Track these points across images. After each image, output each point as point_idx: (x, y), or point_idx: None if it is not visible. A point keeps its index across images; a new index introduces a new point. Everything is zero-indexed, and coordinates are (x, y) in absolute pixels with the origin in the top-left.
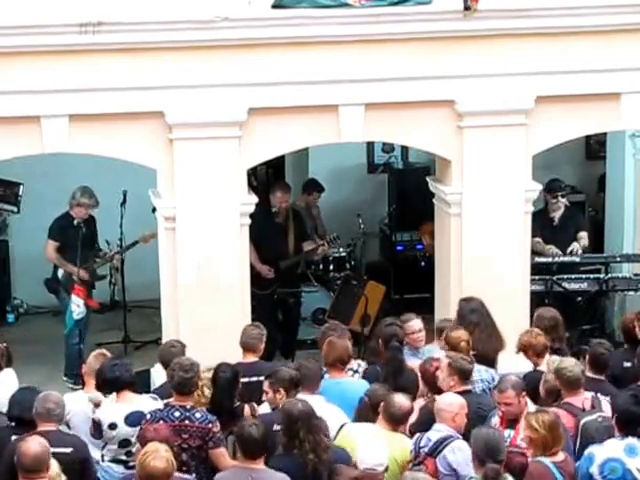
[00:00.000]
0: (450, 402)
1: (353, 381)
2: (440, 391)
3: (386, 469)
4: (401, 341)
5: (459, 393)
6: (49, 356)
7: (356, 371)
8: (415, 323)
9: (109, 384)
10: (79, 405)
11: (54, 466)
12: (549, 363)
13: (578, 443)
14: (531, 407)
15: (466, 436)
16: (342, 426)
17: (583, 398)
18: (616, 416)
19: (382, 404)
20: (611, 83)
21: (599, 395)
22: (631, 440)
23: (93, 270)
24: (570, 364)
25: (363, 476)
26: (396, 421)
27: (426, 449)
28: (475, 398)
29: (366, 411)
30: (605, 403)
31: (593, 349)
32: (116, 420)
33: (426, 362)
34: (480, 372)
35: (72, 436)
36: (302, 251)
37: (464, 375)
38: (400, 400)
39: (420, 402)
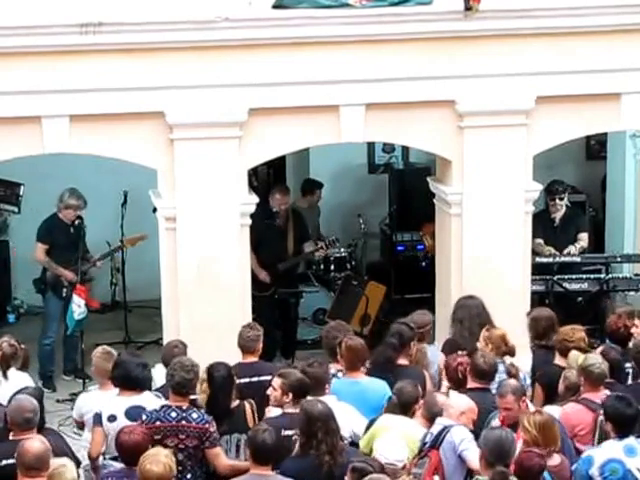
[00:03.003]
0: (459, 402)
1: (370, 380)
2: (461, 386)
3: (403, 467)
4: (405, 342)
5: (474, 390)
6: None
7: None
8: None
9: (132, 382)
10: (97, 404)
11: (72, 471)
12: (570, 359)
13: (597, 437)
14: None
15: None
16: (374, 418)
17: (602, 394)
18: (610, 420)
19: (423, 402)
20: (611, 83)
21: None
22: (629, 440)
23: (82, 272)
24: (597, 360)
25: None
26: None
27: (429, 443)
28: (492, 397)
29: (393, 410)
30: None
31: (606, 353)
32: (116, 412)
33: (450, 357)
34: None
35: (51, 436)
36: (302, 253)
37: (479, 374)
38: (443, 400)
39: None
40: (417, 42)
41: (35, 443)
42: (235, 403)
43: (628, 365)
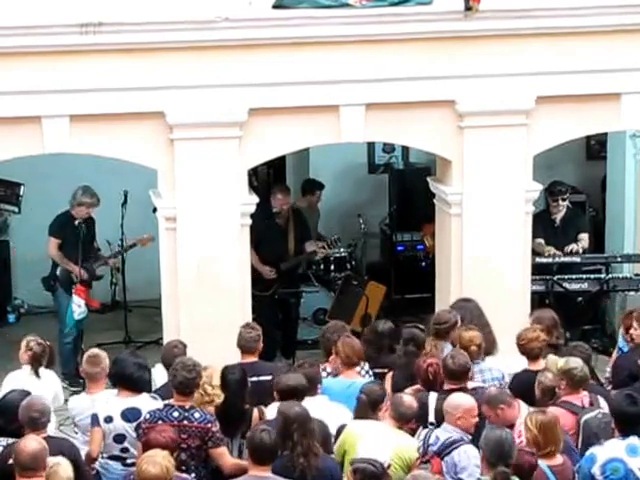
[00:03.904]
0: (456, 404)
1: (365, 382)
2: (433, 388)
3: (388, 467)
4: (419, 345)
5: (450, 391)
6: None
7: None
8: None
9: (126, 380)
10: (85, 407)
11: (67, 470)
12: (548, 362)
13: (580, 441)
14: (524, 411)
15: (474, 437)
16: (343, 425)
17: (582, 396)
18: (614, 418)
19: (390, 403)
20: (611, 83)
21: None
22: (632, 440)
23: (92, 270)
24: (579, 364)
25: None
26: (405, 420)
27: (434, 448)
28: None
29: (364, 409)
30: (602, 400)
31: (571, 353)
32: (112, 414)
33: (420, 359)
34: (492, 371)
35: (60, 440)
36: (303, 252)
37: (450, 375)
38: (409, 400)
39: None
40: (417, 42)
41: (31, 443)
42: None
43: None
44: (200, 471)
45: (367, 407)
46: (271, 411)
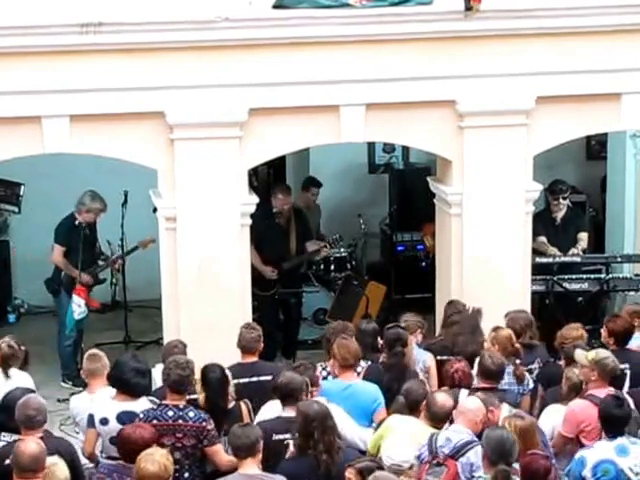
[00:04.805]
0: (479, 407)
1: (363, 383)
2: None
3: (411, 466)
4: (405, 344)
5: (480, 389)
6: (50, 356)
7: (359, 373)
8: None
9: (123, 385)
10: (86, 407)
11: (64, 470)
12: (576, 357)
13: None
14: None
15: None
16: (383, 419)
17: (607, 390)
18: (601, 420)
19: (424, 403)
20: (612, 83)
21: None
22: (621, 440)
23: (96, 274)
24: (609, 354)
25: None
26: (438, 420)
27: (446, 449)
28: (499, 395)
29: (401, 409)
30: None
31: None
32: (108, 416)
33: (447, 363)
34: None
35: (57, 440)
36: (305, 252)
37: (486, 374)
38: (442, 399)
39: None
40: (417, 42)
41: (31, 445)
42: (231, 404)
43: (625, 366)
44: (193, 470)
45: (404, 408)
46: (267, 410)
